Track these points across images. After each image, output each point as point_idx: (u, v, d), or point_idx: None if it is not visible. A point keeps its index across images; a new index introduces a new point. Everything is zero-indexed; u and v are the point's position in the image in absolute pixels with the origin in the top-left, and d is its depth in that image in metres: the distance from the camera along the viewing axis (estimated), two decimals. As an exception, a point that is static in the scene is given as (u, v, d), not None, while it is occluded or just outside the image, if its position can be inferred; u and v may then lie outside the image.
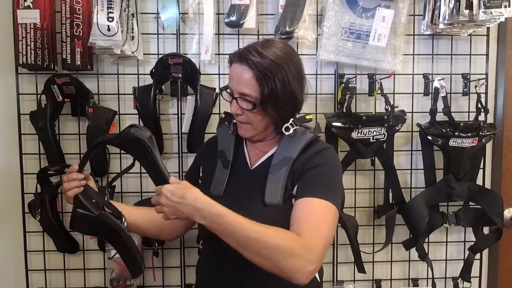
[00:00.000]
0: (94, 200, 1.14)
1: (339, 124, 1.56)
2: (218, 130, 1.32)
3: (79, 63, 1.51)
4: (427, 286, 1.76)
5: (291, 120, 1.16)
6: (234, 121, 1.22)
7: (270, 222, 1.05)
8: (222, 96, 1.20)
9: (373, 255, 1.72)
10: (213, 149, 1.27)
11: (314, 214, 1.07)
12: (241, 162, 1.22)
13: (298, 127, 1.17)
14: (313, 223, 1.05)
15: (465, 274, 1.69)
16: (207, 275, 1.23)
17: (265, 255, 1.00)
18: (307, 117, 1.20)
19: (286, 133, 1.15)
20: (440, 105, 1.60)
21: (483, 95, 1.66)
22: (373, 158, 1.65)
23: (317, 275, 1.21)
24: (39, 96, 1.57)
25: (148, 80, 1.59)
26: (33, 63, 1.49)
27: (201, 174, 1.31)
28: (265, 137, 1.21)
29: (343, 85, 1.61)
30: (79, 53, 1.51)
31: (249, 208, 1.10)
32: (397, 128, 1.60)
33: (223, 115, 1.31)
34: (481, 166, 1.69)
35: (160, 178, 1.08)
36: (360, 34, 1.62)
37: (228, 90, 1.16)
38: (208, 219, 1.01)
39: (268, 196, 1.12)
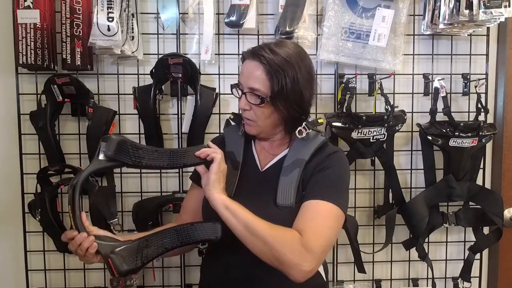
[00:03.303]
0: (113, 242, 1.05)
1: (339, 124, 1.56)
2: (226, 131, 1.32)
3: (79, 63, 1.52)
4: (427, 286, 1.76)
5: (304, 123, 1.16)
6: (243, 122, 1.22)
7: (282, 223, 1.06)
8: (232, 93, 1.19)
9: (373, 255, 1.72)
10: None
11: (317, 215, 1.07)
12: (251, 163, 1.22)
13: (310, 130, 1.17)
14: (314, 224, 1.06)
15: (465, 274, 1.69)
16: (212, 274, 1.23)
17: (269, 243, 1.01)
18: (319, 120, 1.20)
19: (299, 137, 1.16)
20: (440, 105, 1.60)
21: (483, 95, 1.66)
22: (373, 158, 1.65)
23: (322, 273, 1.22)
24: (39, 96, 1.57)
25: (148, 80, 1.59)
26: (33, 63, 1.49)
27: None
28: (272, 136, 1.21)
29: (343, 85, 1.61)
30: (79, 53, 1.51)
31: (260, 209, 1.09)
32: (397, 128, 1.60)
33: (231, 116, 1.31)
34: (481, 166, 1.69)
35: (173, 154, 1.07)
36: (360, 34, 1.62)
37: (238, 86, 1.17)
38: (226, 200, 1.06)
39: (280, 197, 1.12)
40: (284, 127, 1.19)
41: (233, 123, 1.31)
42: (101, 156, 1.02)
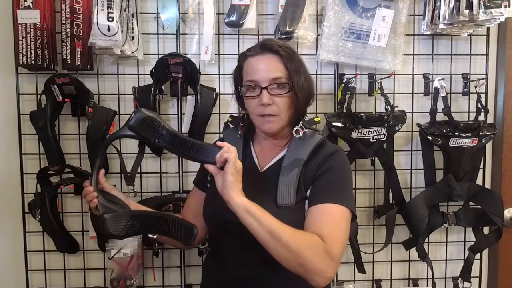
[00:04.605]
0: (115, 202, 1.15)
1: (339, 124, 1.56)
2: (225, 134, 1.32)
3: (79, 63, 1.52)
4: (427, 286, 1.76)
5: (300, 123, 1.17)
6: (241, 124, 1.24)
7: (283, 223, 1.05)
8: (244, 95, 1.19)
9: (373, 255, 1.72)
10: None
11: (332, 220, 1.08)
12: (250, 165, 1.23)
13: (307, 129, 1.17)
14: (332, 229, 1.07)
15: (465, 274, 1.69)
16: (214, 274, 1.24)
17: (295, 251, 1.00)
18: (316, 119, 1.22)
19: (296, 136, 1.16)
20: (440, 105, 1.60)
21: (483, 95, 1.66)
22: (373, 158, 1.65)
23: None
24: (39, 96, 1.57)
25: (148, 80, 1.59)
26: (33, 63, 1.49)
27: (209, 178, 1.30)
28: (280, 133, 1.22)
29: (343, 85, 1.61)
30: (79, 53, 1.51)
31: None
32: (397, 128, 1.60)
33: (229, 119, 1.31)
34: (481, 166, 1.69)
35: (189, 146, 1.08)
36: (360, 34, 1.62)
37: (252, 84, 1.16)
38: (247, 203, 1.03)
39: (281, 197, 1.12)
40: (290, 121, 1.20)
41: (231, 126, 1.32)
42: (127, 125, 1.09)
